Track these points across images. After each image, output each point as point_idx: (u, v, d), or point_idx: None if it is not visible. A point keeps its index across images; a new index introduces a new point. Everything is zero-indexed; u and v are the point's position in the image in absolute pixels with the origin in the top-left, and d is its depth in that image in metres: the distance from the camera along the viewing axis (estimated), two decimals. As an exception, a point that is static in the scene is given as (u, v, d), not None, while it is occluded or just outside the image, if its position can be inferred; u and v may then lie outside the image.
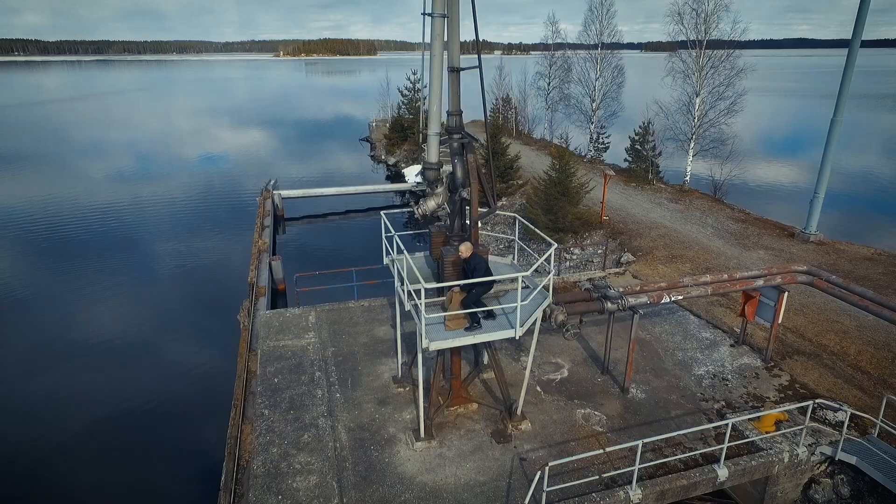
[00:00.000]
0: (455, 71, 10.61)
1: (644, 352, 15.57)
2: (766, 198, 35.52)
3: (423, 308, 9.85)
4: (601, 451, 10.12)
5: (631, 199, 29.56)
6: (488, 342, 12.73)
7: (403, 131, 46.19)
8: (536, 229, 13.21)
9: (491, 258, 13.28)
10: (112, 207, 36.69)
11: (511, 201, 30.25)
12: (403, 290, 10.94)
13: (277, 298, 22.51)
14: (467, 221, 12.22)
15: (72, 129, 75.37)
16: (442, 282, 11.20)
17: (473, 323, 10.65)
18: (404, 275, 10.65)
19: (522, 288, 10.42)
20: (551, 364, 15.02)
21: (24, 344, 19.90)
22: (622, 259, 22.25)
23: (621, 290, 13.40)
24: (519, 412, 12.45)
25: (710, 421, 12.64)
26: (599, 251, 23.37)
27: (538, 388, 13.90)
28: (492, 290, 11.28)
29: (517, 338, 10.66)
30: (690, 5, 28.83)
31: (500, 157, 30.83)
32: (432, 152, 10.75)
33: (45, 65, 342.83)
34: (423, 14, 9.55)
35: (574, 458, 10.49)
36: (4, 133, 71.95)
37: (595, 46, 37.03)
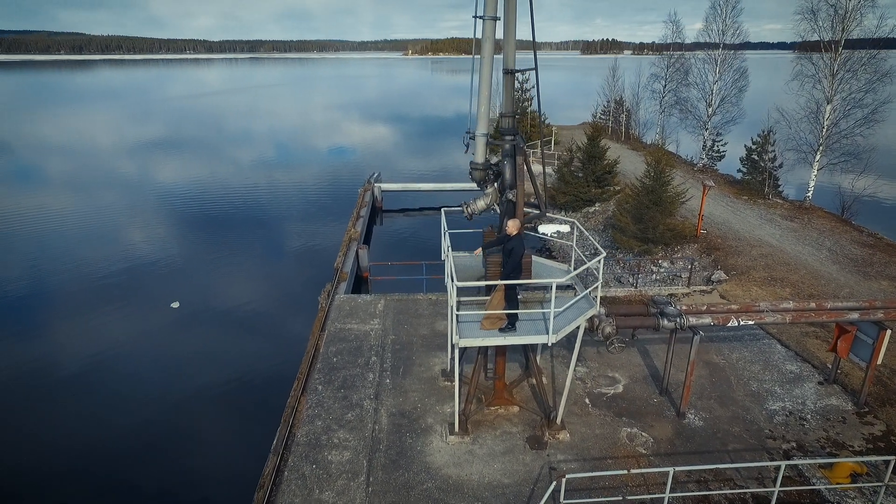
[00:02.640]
0: (510, 73, 10.65)
1: (714, 377, 14.49)
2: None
3: (453, 303, 10.07)
4: (625, 471, 9.68)
5: (738, 214, 27.21)
6: (532, 347, 12.68)
7: (508, 131, 46.21)
8: (588, 235, 12.77)
9: (544, 262, 13.16)
10: (244, 188, 41.64)
11: (604, 208, 29.20)
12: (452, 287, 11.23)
13: (361, 285, 23.81)
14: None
15: (224, 119, 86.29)
16: (485, 280, 11.33)
17: (508, 324, 10.66)
18: (448, 271, 10.92)
19: (562, 295, 10.27)
20: (607, 378, 14.48)
21: (160, 303, 23.10)
22: (713, 277, 20.68)
23: (683, 307, 12.58)
24: (558, 421, 12.23)
25: (773, 460, 11.51)
26: (690, 266, 21.90)
27: (587, 401, 13.50)
28: (530, 291, 11.19)
29: (549, 344, 10.50)
30: (828, 1, 25.67)
31: (598, 161, 29.88)
32: (479, 152, 10.89)
33: (209, 62, 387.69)
34: (475, 17, 9.72)
35: (598, 473, 10.15)
36: (174, 120, 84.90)
37: (716, 46, 34.33)
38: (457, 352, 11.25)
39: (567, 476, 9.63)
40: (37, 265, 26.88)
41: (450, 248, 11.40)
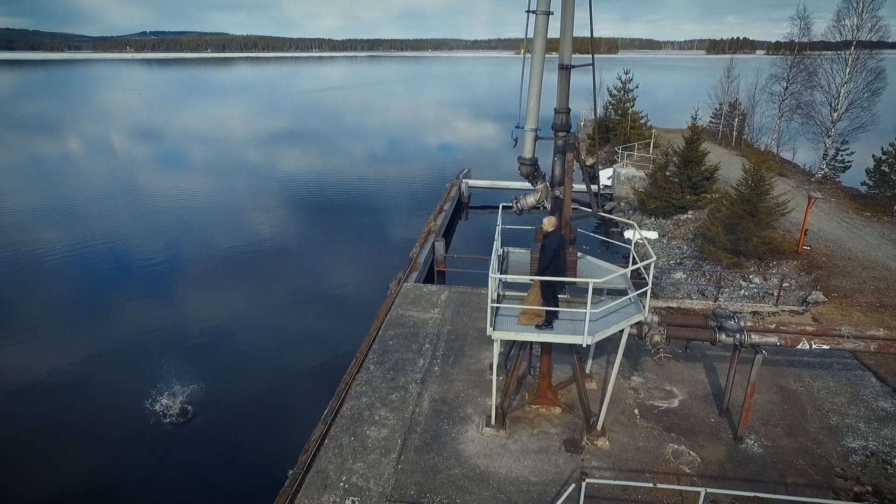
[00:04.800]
0: (565, 68, 10.51)
1: (786, 404, 13.28)
2: None
3: (489, 296, 10.19)
4: (651, 484, 9.25)
5: (855, 231, 24.33)
6: (579, 350, 12.44)
7: (606, 133, 44.71)
8: (646, 241, 12.18)
9: (598, 262, 12.83)
10: (350, 177, 44.82)
11: (697, 216, 27.42)
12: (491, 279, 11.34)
13: (434, 275, 24.42)
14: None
15: (339, 113, 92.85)
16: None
17: (545, 322, 10.57)
18: (494, 265, 11.02)
19: (606, 298, 10.01)
20: (662, 391, 13.79)
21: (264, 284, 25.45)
22: (809, 297, 18.78)
23: (748, 323, 11.67)
24: (599, 427, 11.91)
25: (838, 499, 10.39)
26: (786, 284, 20.06)
27: (636, 412, 12.98)
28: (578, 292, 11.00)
29: (584, 345, 10.28)
30: None
31: (695, 166, 28.13)
32: (527, 148, 10.86)
33: (332, 59, 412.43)
34: (528, 11, 9.71)
35: (621, 482, 9.81)
36: (296, 113, 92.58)
37: (847, 45, 30.70)
38: (496, 345, 11.36)
39: (588, 480, 9.43)
40: (171, 238, 30.59)
41: (497, 242, 11.50)
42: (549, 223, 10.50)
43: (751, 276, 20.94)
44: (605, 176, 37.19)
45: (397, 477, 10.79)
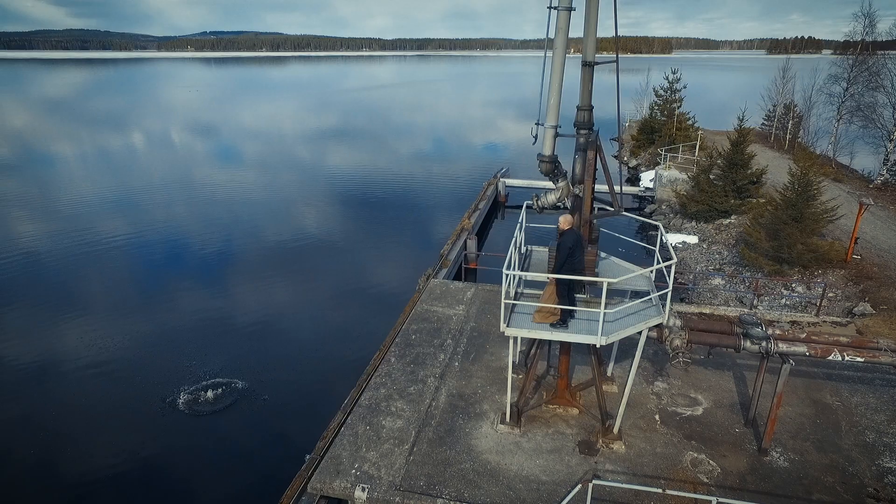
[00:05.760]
0: (588, 65, 10.38)
1: (819, 419, 12.70)
2: None
3: (503, 293, 10.19)
4: (659, 490, 9.04)
5: (913, 241, 22.88)
6: (598, 351, 12.26)
7: (651, 133, 43.58)
8: (669, 243, 11.85)
9: (621, 263, 12.62)
10: (394, 174, 45.59)
11: (741, 221, 26.40)
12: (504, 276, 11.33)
13: (465, 273, 24.48)
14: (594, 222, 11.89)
15: (386, 110, 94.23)
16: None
17: (560, 321, 10.49)
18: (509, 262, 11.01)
19: (636, 299, 9.83)
20: (687, 398, 13.41)
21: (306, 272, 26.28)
22: (855, 309, 17.83)
23: (776, 332, 11.22)
24: (615, 430, 11.72)
25: (866, 522, 9.88)
26: (831, 294, 19.13)
27: (657, 417, 12.69)
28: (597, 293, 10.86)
29: (598, 346, 10.14)
30: None
31: (740, 169, 27.11)
32: (547, 145, 10.77)
33: (381, 58, 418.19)
34: (549, 7, 9.64)
35: (628, 486, 9.62)
36: (345, 110, 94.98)
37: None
38: (511, 342, 11.36)
39: (594, 482, 9.32)
40: (219, 229, 31.91)
41: (515, 240, 11.48)
42: (564, 222, 10.41)
43: (793, 285, 20.05)
44: (647, 178, 36.32)
45: (408, 468, 10.94)
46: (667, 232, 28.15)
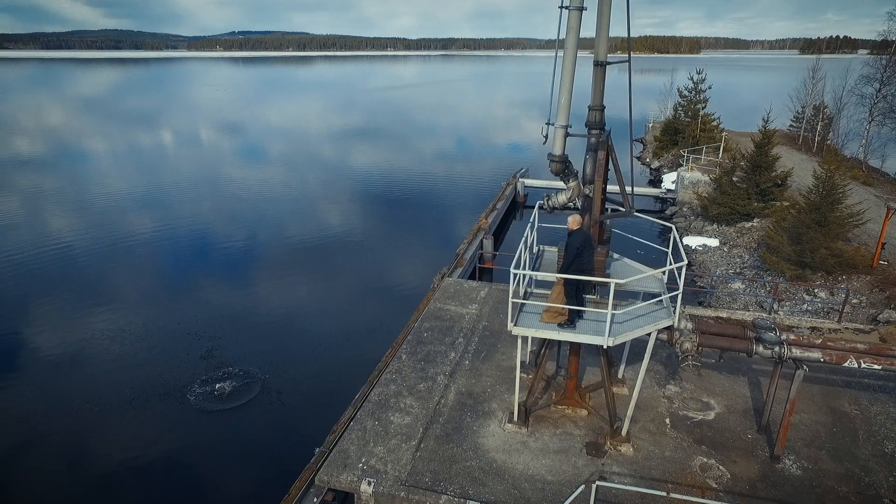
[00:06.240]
0: (600, 65, 10.34)
1: (836, 427, 12.42)
2: None
3: (510, 292, 10.22)
4: (664, 493, 8.96)
5: (944, 247, 22.13)
6: (604, 352, 12.18)
7: (675, 135, 42.95)
8: (680, 244, 11.71)
9: (632, 264, 12.53)
10: (415, 173, 45.92)
11: (764, 225, 25.88)
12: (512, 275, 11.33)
13: (482, 273, 24.48)
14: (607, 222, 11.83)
15: (409, 109, 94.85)
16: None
17: (567, 321, 10.47)
18: (517, 261, 11.04)
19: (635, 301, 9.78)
20: (699, 402, 13.25)
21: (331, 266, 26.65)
22: (880, 316, 17.36)
23: (790, 336, 11.02)
24: (623, 433, 11.65)
25: (879, 533, 9.65)
26: (855, 300, 18.65)
27: (667, 421, 12.56)
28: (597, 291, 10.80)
29: (605, 347, 10.09)
30: None
31: (764, 172, 26.58)
32: (557, 145, 10.76)
33: (406, 58, 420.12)
34: (561, 7, 9.62)
35: (632, 488, 9.57)
36: (369, 109, 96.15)
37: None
38: (519, 341, 11.36)
39: (597, 483, 9.29)
40: (240, 225, 32.56)
41: (526, 239, 11.49)
42: (573, 222, 10.39)
43: (815, 290, 19.60)
44: (668, 180, 35.83)
45: (414, 463, 11.04)
46: (687, 235, 27.76)
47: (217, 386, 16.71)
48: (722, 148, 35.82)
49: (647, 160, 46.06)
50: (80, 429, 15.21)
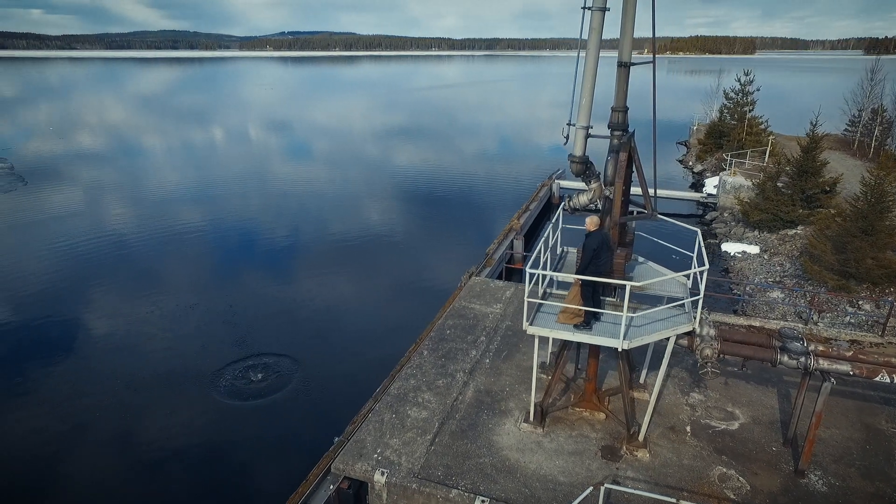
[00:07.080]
0: (624, 66, 10.26)
1: (870, 444, 11.91)
2: None
3: (526, 291, 10.27)
4: (674, 500, 8.83)
5: None
6: (623, 356, 12.08)
7: (719, 138, 41.65)
8: (703, 248, 11.45)
9: (656, 267, 12.36)
10: (456, 172, 46.19)
11: (808, 232, 24.86)
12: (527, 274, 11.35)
13: (511, 273, 24.47)
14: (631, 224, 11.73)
15: (453, 110, 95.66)
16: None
17: (584, 322, 10.43)
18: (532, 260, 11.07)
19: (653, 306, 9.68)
20: (723, 412, 12.93)
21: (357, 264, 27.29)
22: (928, 331, 16.46)
23: (817, 347, 10.64)
24: (640, 438, 11.51)
25: (906, 556, 9.24)
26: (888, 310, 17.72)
27: (688, 428, 12.33)
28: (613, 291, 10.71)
29: (620, 349, 10.01)
30: None
31: (811, 177, 25.55)
32: (578, 145, 10.73)
33: (450, 58, 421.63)
34: (583, 8, 9.60)
35: (642, 493, 9.46)
36: (412, 108, 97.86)
37: None
38: (536, 341, 11.40)
39: (605, 486, 9.25)
40: (280, 220, 33.62)
41: (546, 238, 11.50)
42: (591, 223, 10.36)
43: (860, 302, 18.75)
44: (710, 184, 34.82)
45: (428, 457, 11.23)
46: (727, 241, 26.97)
47: (248, 373, 17.38)
48: (768, 152, 34.54)
49: (690, 164, 44.83)
50: (122, 406, 16.11)
